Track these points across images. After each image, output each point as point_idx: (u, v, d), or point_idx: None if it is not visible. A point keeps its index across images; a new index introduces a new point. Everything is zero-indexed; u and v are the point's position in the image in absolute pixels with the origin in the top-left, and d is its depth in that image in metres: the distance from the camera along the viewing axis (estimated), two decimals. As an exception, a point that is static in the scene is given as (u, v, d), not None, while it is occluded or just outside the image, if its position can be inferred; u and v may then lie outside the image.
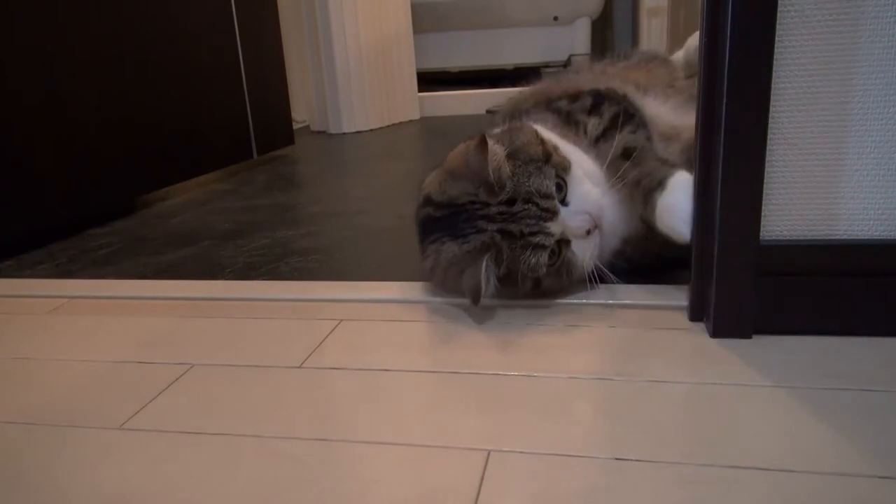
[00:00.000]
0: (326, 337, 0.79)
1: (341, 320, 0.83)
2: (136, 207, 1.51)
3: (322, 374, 0.70)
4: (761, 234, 0.70)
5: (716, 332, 0.72)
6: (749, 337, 0.71)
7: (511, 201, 0.78)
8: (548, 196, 0.78)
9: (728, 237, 0.69)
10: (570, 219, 0.79)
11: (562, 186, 0.80)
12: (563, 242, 0.80)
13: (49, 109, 1.24)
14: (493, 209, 0.78)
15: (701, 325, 0.75)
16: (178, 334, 0.82)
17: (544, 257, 0.78)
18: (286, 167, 1.89)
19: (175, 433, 0.61)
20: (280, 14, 2.04)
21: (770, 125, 0.67)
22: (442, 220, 0.81)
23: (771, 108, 0.67)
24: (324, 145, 2.24)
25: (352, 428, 0.60)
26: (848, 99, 0.66)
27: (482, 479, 0.52)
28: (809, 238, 0.70)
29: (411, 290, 0.90)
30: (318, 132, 2.51)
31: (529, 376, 0.67)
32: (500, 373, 0.68)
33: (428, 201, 0.84)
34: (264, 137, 1.91)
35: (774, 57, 0.65)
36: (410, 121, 2.68)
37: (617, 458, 0.53)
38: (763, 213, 0.69)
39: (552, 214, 0.78)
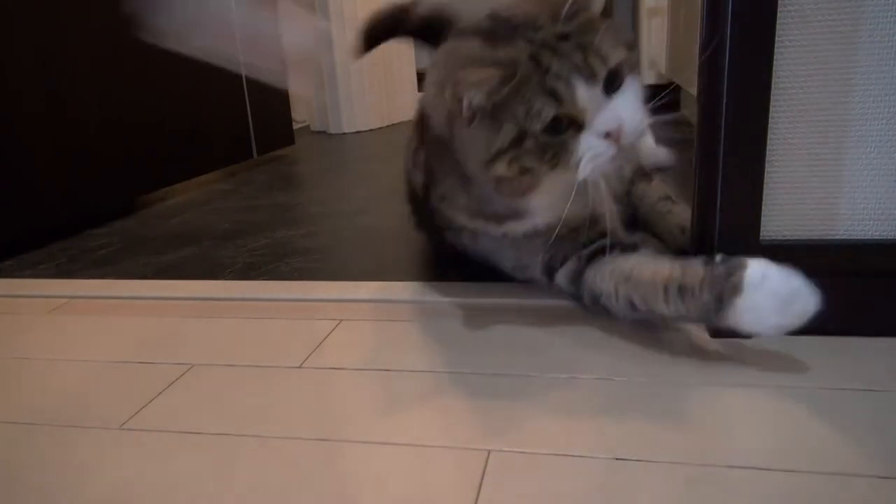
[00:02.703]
0: (326, 337, 0.79)
1: (341, 320, 0.83)
2: (136, 207, 1.51)
3: (322, 374, 0.70)
4: (761, 234, 0.69)
5: (716, 332, 0.72)
6: (749, 337, 0.71)
7: (564, 36, 0.67)
8: (603, 60, 0.66)
9: (728, 237, 0.69)
10: (602, 110, 0.67)
11: (619, 74, 0.67)
12: (575, 124, 0.68)
13: (49, 109, 1.24)
14: (541, 34, 0.67)
15: (701, 325, 0.75)
16: (178, 334, 0.82)
17: (550, 112, 0.66)
18: (286, 167, 1.89)
19: (175, 433, 0.61)
20: (280, 14, 2.04)
21: (770, 125, 0.67)
22: (486, 31, 0.72)
23: (771, 108, 0.67)
24: (324, 145, 2.24)
25: (352, 428, 0.60)
26: (848, 99, 0.66)
27: (482, 479, 0.52)
28: (809, 238, 0.70)
29: (411, 290, 0.90)
30: (318, 132, 2.51)
31: (529, 376, 0.67)
32: (500, 373, 0.68)
33: (489, 16, 0.73)
34: (264, 137, 1.91)
35: (774, 57, 0.65)
36: (410, 121, 2.68)
37: (617, 458, 0.53)
38: (763, 213, 0.69)
39: (591, 79, 0.66)
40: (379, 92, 2.50)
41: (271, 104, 1.95)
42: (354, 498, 0.51)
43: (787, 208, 0.70)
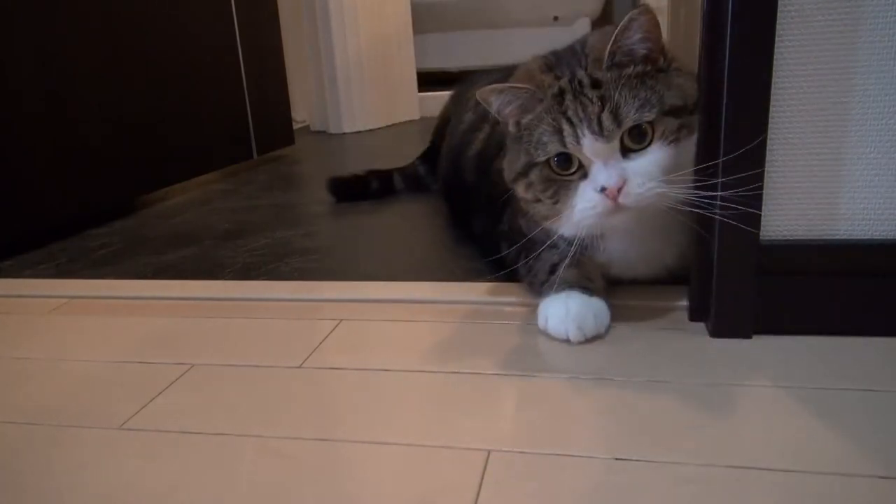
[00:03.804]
0: (326, 337, 0.79)
1: (341, 320, 0.83)
2: (136, 207, 1.51)
3: (322, 374, 0.70)
4: (761, 234, 0.69)
5: (716, 332, 0.72)
6: (749, 337, 0.71)
7: (596, 83, 0.68)
8: (616, 120, 0.67)
9: (728, 237, 0.69)
10: (605, 166, 0.68)
11: (645, 133, 0.67)
12: (581, 169, 0.70)
13: (49, 109, 1.24)
14: (579, 73, 0.69)
15: (701, 325, 0.75)
16: (178, 334, 0.82)
17: (554, 148, 0.69)
18: (286, 167, 1.89)
19: (175, 433, 0.61)
20: (280, 14, 2.04)
21: (770, 125, 0.67)
22: (551, 56, 0.75)
23: (771, 108, 0.67)
24: (324, 145, 2.24)
25: (352, 428, 0.60)
26: (848, 99, 0.66)
27: (482, 479, 0.52)
28: (809, 238, 0.70)
29: (411, 290, 0.90)
30: (318, 132, 2.51)
31: (529, 376, 0.67)
32: (500, 373, 0.68)
33: (570, 45, 0.77)
34: (264, 137, 1.91)
35: (774, 57, 0.65)
36: (410, 121, 2.67)
37: (617, 458, 0.53)
38: (763, 213, 0.69)
39: (599, 134, 0.67)
40: (379, 92, 2.50)
41: (271, 104, 1.95)
42: (354, 498, 0.51)
43: (787, 208, 0.70)
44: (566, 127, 0.68)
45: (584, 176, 0.70)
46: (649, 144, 0.68)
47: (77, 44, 1.29)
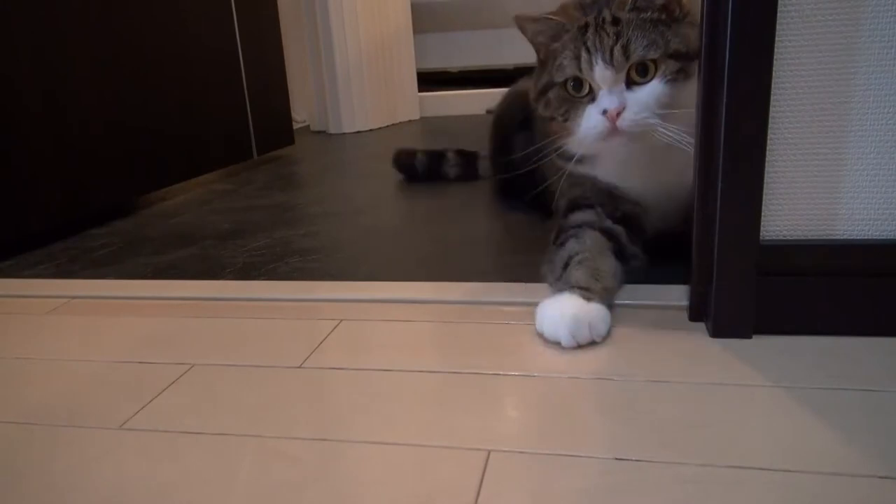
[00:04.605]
0: (326, 337, 0.79)
1: (341, 320, 0.83)
2: (136, 207, 1.51)
3: (322, 374, 0.70)
4: (761, 234, 0.70)
5: (716, 332, 0.72)
6: (749, 337, 0.71)
7: (616, 20, 0.78)
8: (625, 53, 0.76)
9: (728, 237, 0.69)
10: (610, 93, 0.78)
11: (647, 70, 0.78)
12: (590, 94, 0.80)
13: (49, 109, 1.24)
14: (605, 12, 0.79)
15: (701, 325, 0.75)
16: (178, 334, 0.82)
17: (570, 71, 0.80)
18: (286, 167, 1.89)
19: (175, 433, 0.61)
20: (280, 14, 2.04)
21: (770, 125, 0.67)
22: None
23: (771, 108, 0.67)
24: (324, 145, 2.24)
25: (352, 428, 0.60)
26: (848, 99, 0.66)
27: (482, 479, 0.52)
28: (809, 238, 0.70)
29: (411, 290, 0.90)
30: (318, 132, 2.51)
31: (529, 376, 0.67)
32: (500, 373, 0.68)
33: None
34: (264, 137, 1.91)
35: (774, 57, 0.65)
36: (410, 121, 2.68)
37: (617, 458, 0.53)
38: (763, 213, 0.69)
39: (609, 63, 0.77)
40: (379, 92, 2.50)
41: (271, 104, 1.95)
42: (354, 498, 0.51)
43: (787, 208, 0.70)
44: (584, 54, 0.79)
45: (592, 100, 0.80)
46: (651, 79, 0.78)
47: (76, 43, 1.29)
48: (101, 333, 0.84)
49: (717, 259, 0.70)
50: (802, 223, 0.70)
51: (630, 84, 0.78)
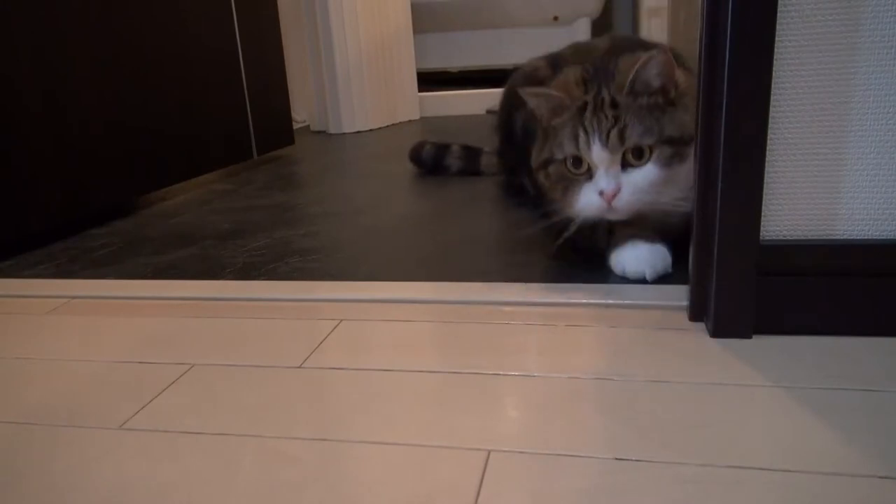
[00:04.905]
0: (326, 337, 0.79)
1: (341, 320, 0.83)
2: (136, 207, 1.51)
3: (322, 374, 0.70)
4: (761, 234, 0.70)
5: (716, 332, 0.72)
6: (749, 337, 0.71)
7: (615, 103, 0.82)
8: (621, 138, 0.80)
9: (728, 237, 0.69)
10: (606, 174, 0.82)
11: (644, 153, 0.81)
12: (588, 172, 0.84)
13: (49, 109, 1.24)
14: (604, 92, 0.83)
15: (701, 325, 0.75)
16: (178, 334, 0.82)
17: (569, 150, 0.83)
18: (286, 167, 1.89)
19: (175, 433, 0.61)
20: (280, 14, 2.04)
21: (770, 125, 0.67)
22: (587, 71, 0.89)
23: (771, 108, 0.67)
24: (324, 145, 2.24)
25: (352, 428, 0.60)
26: (848, 99, 0.66)
27: (482, 479, 0.52)
28: (809, 238, 0.70)
29: (411, 290, 0.90)
30: (318, 132, 2.51)
31: (529, 376, 0.67)
32: (500, 373, 0.68)
33: (601, 60, 0.91)
34: (264, 137, 1.91)
35: (774, 57, 0.65)
36: (410, 121, 2.68)
37: (617, 458, 0.53)
38: (763, 213, 0.69)
39: (605, 147, 0.81)
40: (379, 92, 2.50)
41: (271, 104, 1.95)
42: (354, 498, 0.51)
43: (787, 208, 0.70)
44: (582, 134, 0.82)
45: (590, 178, 0.84)
46: (646, 163, 0.81)
47: (76, 43, 1.29)
48: (101, 333, 0.84)
49: (717, 259, 0.70)
50: (802, 223, 0.70)
51: (626, 165, 0.82)
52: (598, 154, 0.81)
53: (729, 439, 0.55)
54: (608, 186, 0.81)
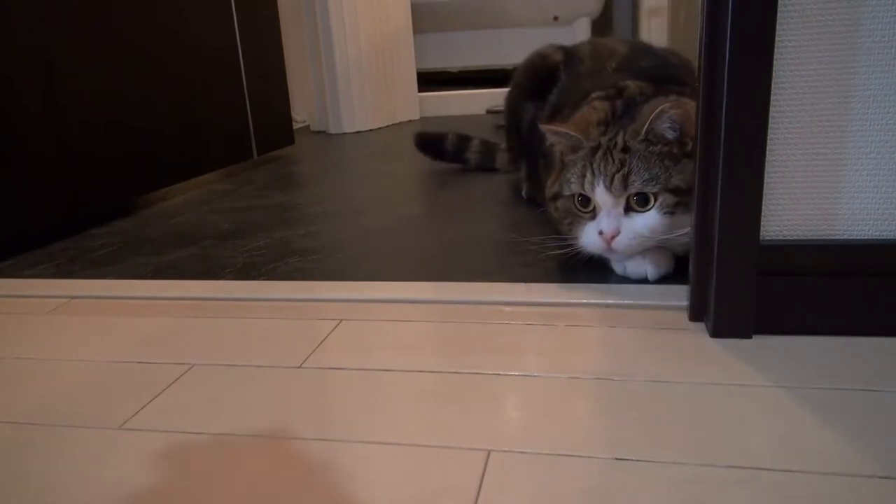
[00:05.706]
0: (326, 337, 0.79)
1: (341, 320, 0.83)
2: (135, 207, 1.51)
3: (322, 374, 0.70)
4: (761, 234, 0.70)
5: (716, 332, 0.72)
6: (749, 337, 0.71)
7: (626, 148, 0.83)
8: (624, 184, 0.82)
9: (728, 237, 0.69)
10: (608, 216, 0.83)
11: (648, 199, 0.82)
12: (593, 211, 0.86)
13: (49, 109, 1.24)
14: (620, 136, 0.85)
15: (701, 325, 0.75)
16: (178, 334, 0.82)
17: (575, 188, 0.86)
18: (286, 167, 1.89)
19: (175, 433, 0.61)
20: (280, 14, 2.04)
21: (770, 125, 0.67)
22: (615, 108, 0.91)
23: (771, 108, 0.67)
24: (324, 145, 2.24)
25: (352, 428, 0.60)
26: (848, 99, 0.66)
27: (482, 479, 0.52)
28: (809, 238, 0.70)
29: (411, 290, 0.90)
30: (318, 132, 2.51)
31: (530, 376, 0.67)
32: (500, 373, 0.68)
33: (630, 97, 0.95)
34: (264, 137, 1.91)
35: (774, 57, 0.65)
36: (410, 121, 2.68)
37: (617, 458, 0.53)
38: (763, 213, 0.69)
39: (609, 190, 0.82)
40: (379, 92, 2.50)
41: (271, 104, 1.95)
42: (354, 498, 0.51)
43: (787, 208, 0.70)
44: (589, 175, 0.85)
45: (594, 217, 0.86)
46: (649, 210, 0.82)
47: (76, 43, 1.29)
48: (101, 333, 0.84)
49: (717, 259, 0.70)
50: (802, 223, 0.70)
51: (629, 210, 0.83)
52: (601, 196, 0.83)
53: (729, 439, 0.55)
54: (607, 228, 0.83)
